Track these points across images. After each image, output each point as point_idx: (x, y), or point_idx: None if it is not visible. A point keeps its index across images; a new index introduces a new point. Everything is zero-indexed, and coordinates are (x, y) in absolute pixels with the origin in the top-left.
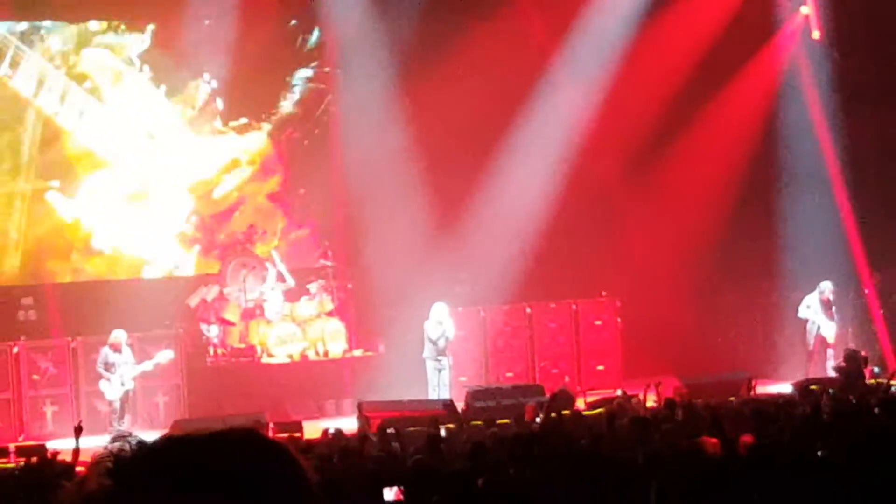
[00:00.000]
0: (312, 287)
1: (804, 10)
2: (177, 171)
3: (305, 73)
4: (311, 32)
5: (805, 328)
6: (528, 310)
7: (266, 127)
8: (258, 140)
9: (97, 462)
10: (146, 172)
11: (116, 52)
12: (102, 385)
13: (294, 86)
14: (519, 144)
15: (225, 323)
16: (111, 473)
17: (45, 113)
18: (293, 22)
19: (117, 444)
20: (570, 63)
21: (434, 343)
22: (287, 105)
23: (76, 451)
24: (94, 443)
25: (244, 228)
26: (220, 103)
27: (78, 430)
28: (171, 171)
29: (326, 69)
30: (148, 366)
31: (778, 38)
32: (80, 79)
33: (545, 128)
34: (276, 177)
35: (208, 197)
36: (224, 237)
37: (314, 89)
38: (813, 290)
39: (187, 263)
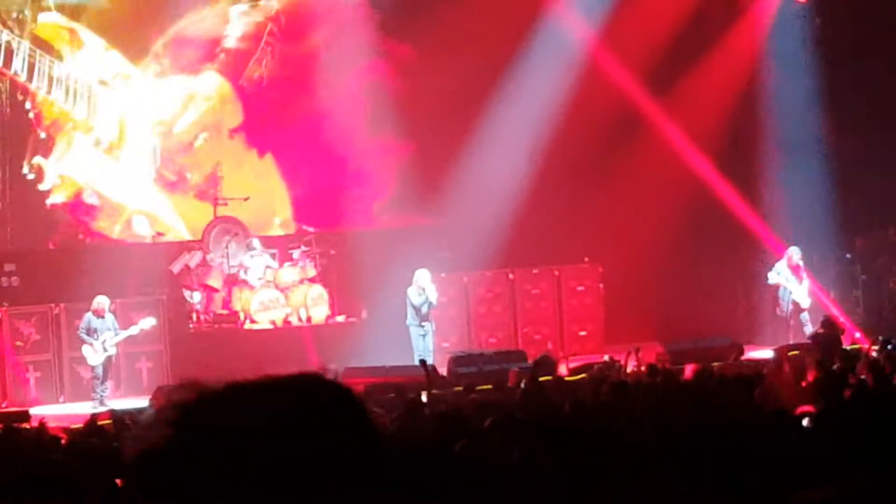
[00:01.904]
0: (295, 253)
1: None
2: (141, 115)
3: (240, 7)
4: None
5: (777, 295)
6: (511, 275)
7: (215, 66)
8: (212, 79)
9: (159, 411)
10: (114, 122)
11: (67, 13)
12: (85, 351)
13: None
14: (501, 110)
15: (208, 289)
16: (174, 423)
17: (17, 81)
18: None
19: (178, 394)
20: (551, 30)
21: (417, 309)
22: (230, 40)
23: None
24: (77, 409)
25: (211, 163)
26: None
27: None
28: (136, 115)
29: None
30: (132, 331)
31: (760, 3)
32: (41, 44)
33: (527, 94)
34: (236, 115)
35: (170, 133)
36: (196, 177)
37: (254, 23)
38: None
39: (166, 207)
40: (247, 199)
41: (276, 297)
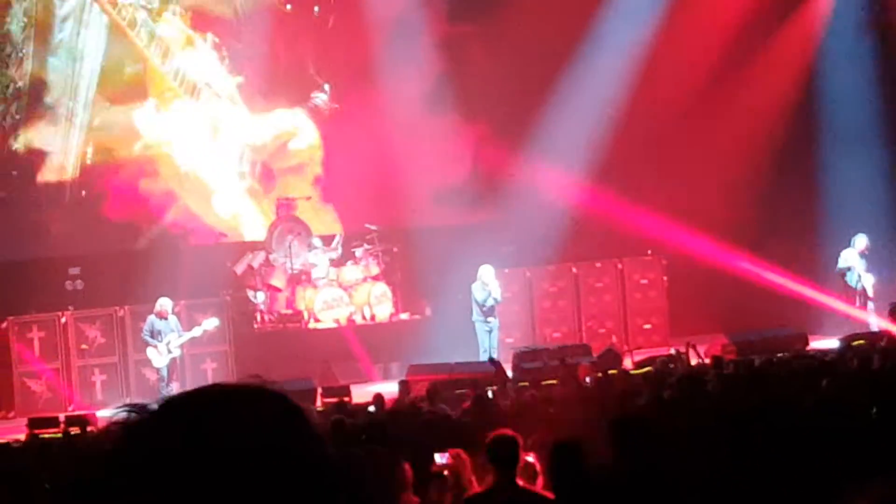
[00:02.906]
0: (358, 251)
1: None
2: (243, 123)
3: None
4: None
5: (845, 282)
6: (574, 270)
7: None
8: (302, 117)
9: (104, 430)
10: (216, 114)
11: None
12: (150, 353)
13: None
14: (562, 103)
15: (271, 289)
16: (114, 441)
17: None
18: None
19: (124, 412)
20: (614, 19)
21: (481, 305)
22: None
23: None
24: None
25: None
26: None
27: None
28: (238, 120)
29: None
30: (195, 333)
31: None
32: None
33: (588, 87)
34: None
35: (284, 149)
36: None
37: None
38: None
39: (247, 207)
40: (308, 198)
41: (340, 295)
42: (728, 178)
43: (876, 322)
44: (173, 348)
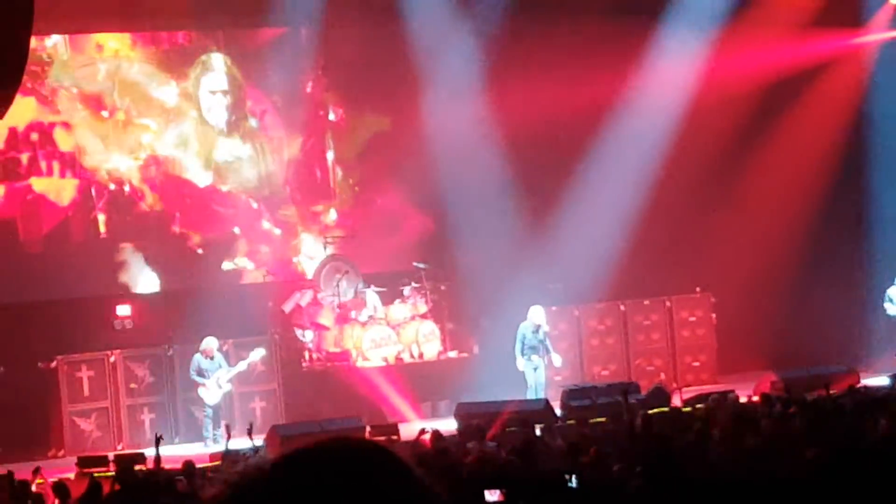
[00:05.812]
0: (406, 290)
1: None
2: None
3: None
4: None
5: (892, 322)
6: (622, 307)
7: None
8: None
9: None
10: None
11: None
12: (201, 392)
13: None
14: (611, 141)
15: (319, 328)
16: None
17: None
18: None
19: (229, 470)
20: (659, 59)
21: (530, 344)
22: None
23: (157, 460)
24: (192, 450)
25: None
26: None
27: (157, 441)
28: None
29: None
30: (242, 366)
31: (867, 29)
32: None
33: (637, 124)
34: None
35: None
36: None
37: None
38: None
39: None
40: (353, 235)
41: (388, 334)
42: (776, 215)
43: None
44: (223, 384)
